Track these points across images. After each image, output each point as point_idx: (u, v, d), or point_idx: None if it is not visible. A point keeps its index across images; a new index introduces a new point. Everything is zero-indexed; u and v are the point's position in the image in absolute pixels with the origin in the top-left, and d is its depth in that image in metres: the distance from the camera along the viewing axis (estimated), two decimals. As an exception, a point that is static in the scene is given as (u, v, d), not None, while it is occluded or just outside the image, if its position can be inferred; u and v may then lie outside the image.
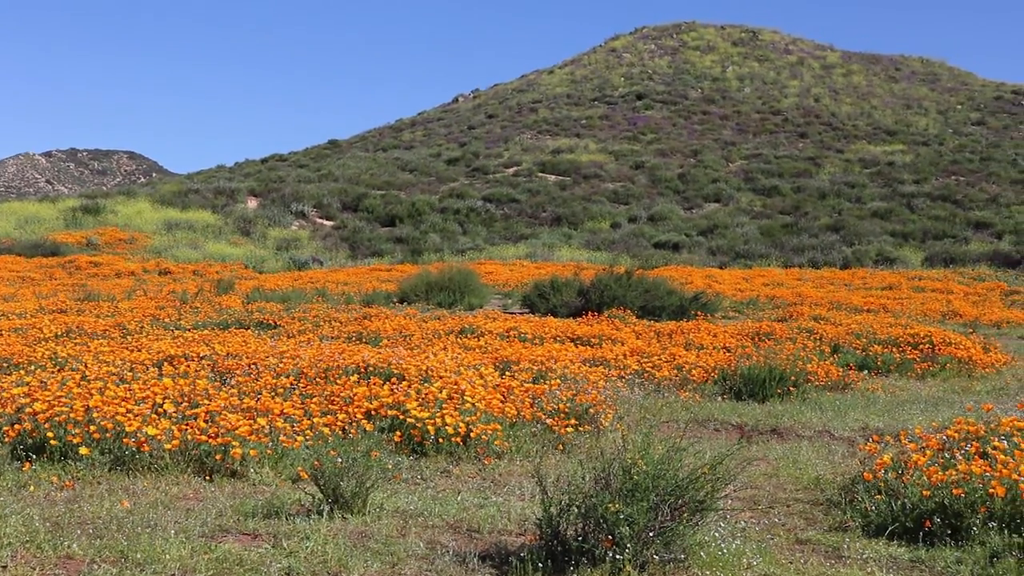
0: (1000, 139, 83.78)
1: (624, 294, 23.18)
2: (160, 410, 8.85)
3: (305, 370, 11.21)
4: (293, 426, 8.94)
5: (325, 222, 57.91)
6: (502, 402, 10.09)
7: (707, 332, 17.98)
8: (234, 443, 8.29)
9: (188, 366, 11.36)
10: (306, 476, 7.50)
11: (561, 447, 9.77)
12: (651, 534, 6.02)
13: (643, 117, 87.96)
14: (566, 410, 10.29)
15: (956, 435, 8.11)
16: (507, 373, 11.97)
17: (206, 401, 9.19)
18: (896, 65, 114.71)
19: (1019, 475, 6.73)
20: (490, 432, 9.32)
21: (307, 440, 8.73)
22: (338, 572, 6.04)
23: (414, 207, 58.99)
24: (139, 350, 12.88)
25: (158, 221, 52.46)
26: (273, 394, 9.94)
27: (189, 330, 16.99)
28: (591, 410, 10.51)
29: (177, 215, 53.90)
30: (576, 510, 6.18)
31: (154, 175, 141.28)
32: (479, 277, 29.46)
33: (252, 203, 59.63)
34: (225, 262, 43.27)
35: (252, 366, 11.49)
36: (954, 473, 7.00)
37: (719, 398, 13.27)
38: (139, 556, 6.07)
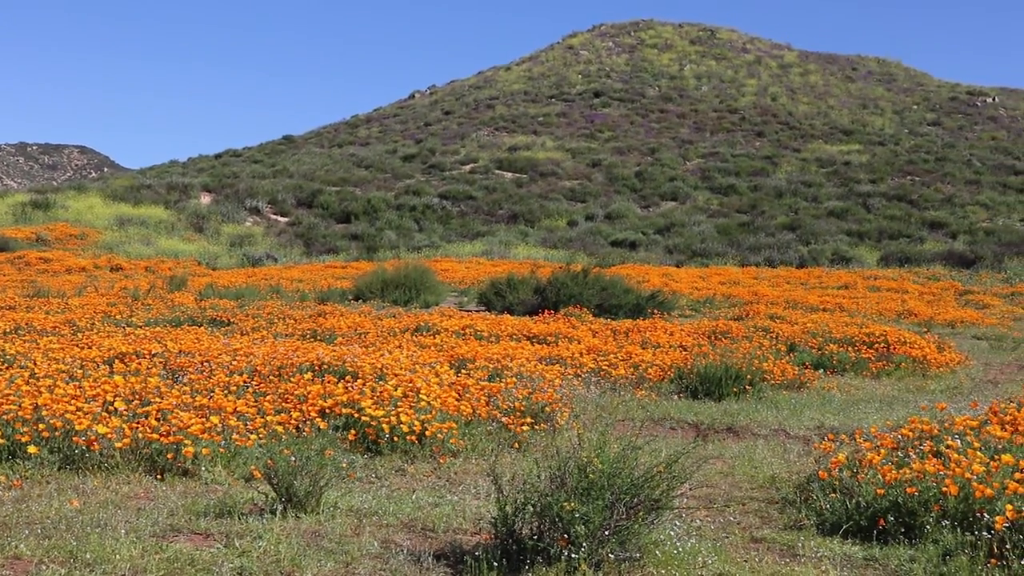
0: (955, 139, 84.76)
1: (581, 292, 23.19)
2: (111, 408, 8.75)
3: (259, 368, 11.11)
4: (246, 424, 8.85)
5: (280, 218, 57.59)
6: (458, 400, 10.05)
7: (663, 330, 18.00)
8: (186, 441, 8.19)
9: (140, 364, 11.25)
10: (259, 475, 7.43)
11: (517, 446, 9.73)
12: (606, 533, 6.00)
13: (600, 115, 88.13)
14: (522, 408, 10.26)
15: (910, 434, 8.17)
16: (463, 371, 11.92)
17: (158, 399, 9.09)
18: (853, 65, 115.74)
19: (972, 474, 6.76)
20: (445, 430, 9.27)
21: (260, 439, 8.64)
22: (291, 572, 5.98)
23: (370, 204, 58.79)
24: (90, 347, 12.71)
25: (110, 217, 51.92)
26: (226, 392, 9.84)
27: (141, 327, 16.80)
28: (547, 408, 10.49)
29: (129, 211, 53.37)
30: (531, 509, 6.15)
31: (106, 170, 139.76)
32: (435, 274, 29.38)
33: (205, 199, 59.18)
34: (178, 258, 42.87)
35: (205, 364, 11.38)
36: (908, 472, 7.03)
37: (675, 397, 13.28)
38: (89, 556, 5.99)
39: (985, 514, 6.43)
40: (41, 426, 8.25)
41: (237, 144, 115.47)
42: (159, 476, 8.09)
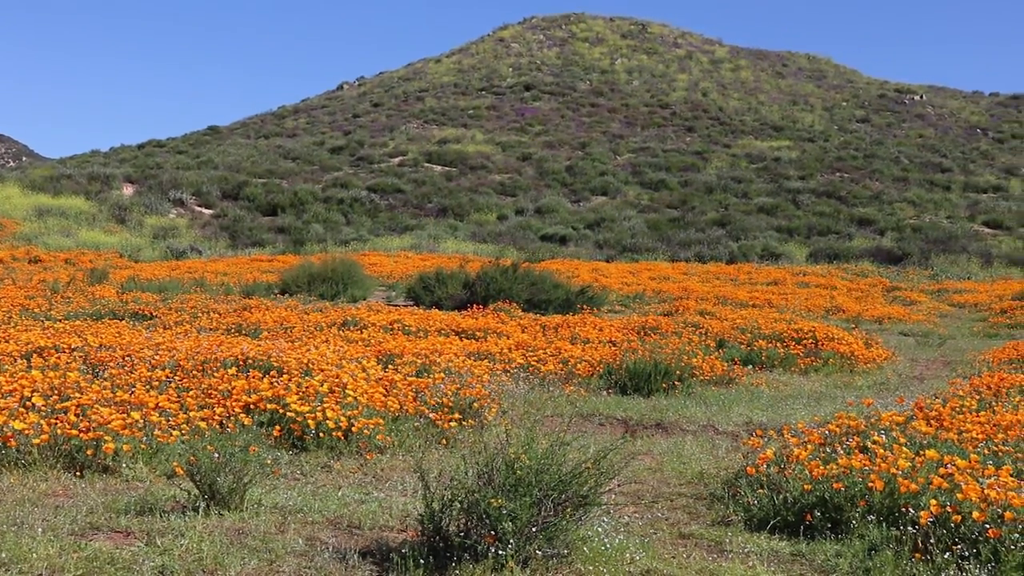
0: (883, 136, 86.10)
1: (510, 287, 23.16)
2: (28, 404, 8.54)
3: (182, 362, 10.93)
4: (168, 420, 8.69)
5: (204, 210, 56.92)
6: (385, 396, 9.96)
7: (593, 326, 18.02)
8: (106, 438, 8.02)
9: (59, 358, 11.01)
10: (181, 472, 7.30)
11: (445, 442, 9.67)
12: (534, 529, 5.96)
13: (531, 108, 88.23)
14: (450, 404, 10.19)
15: (837, 430, 8.23)
16: (390, 366, 11.84)
17: (77, 394, 8.90)
18: (783, 61, 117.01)
19: (897, 469, 6.82)
20: (372, 426, 9.18)
21: (183, 435, 8.49)
22: (214, 570, 5.87)
23: (296, 196, 58.32)
24: (7, 341, 12.43)
25: (28, 207, 50.94)
26: (148, 387, 9.66)
27: (60, 321, 16.49)
28: (475, 404, 10.43)
29: (49, 201, 52.39)
30: (459, 505, 6.10)
31: (24, 159, 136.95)
32: (363, 269, 29.26)
33: (128, 190, 58.31)
34: (99, 251, 42.22)
35: (126, 358, 11.17)
36: (835, 467, 7.07)
37: (604, 392, 13.28)
38: (4, 556, 5.83)
39: (910, 509, 6.48)
40: (-45, 422, 8.04)
41: (161, 135, 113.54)
42: (78, 473, 7.91)
